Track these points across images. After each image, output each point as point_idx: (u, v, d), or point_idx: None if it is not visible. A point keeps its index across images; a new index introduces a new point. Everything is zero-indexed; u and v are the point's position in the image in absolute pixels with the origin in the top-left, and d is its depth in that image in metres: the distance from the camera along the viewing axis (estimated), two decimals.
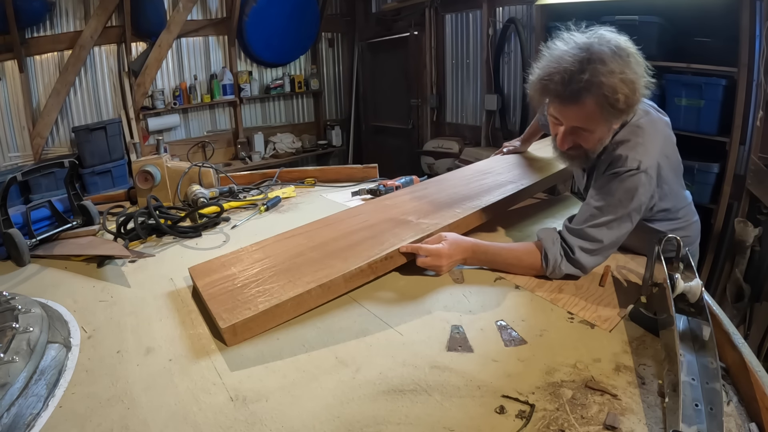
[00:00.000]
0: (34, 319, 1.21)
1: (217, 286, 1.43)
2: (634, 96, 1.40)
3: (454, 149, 5.86)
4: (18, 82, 5.00)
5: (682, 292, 1.20)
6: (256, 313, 1.29)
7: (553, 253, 1.51)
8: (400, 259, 1.58)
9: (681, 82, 3.54)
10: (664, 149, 1.55)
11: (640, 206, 1.50)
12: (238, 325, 1.26)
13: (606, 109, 1.39)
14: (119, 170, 5.25)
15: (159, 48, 5.67)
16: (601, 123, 1.45)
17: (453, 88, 6.30)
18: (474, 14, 5.74)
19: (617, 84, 1.35)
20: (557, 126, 1.54)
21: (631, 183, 1.47)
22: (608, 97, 1.36)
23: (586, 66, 1.36)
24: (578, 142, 1.52)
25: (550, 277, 1.54)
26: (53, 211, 2.07)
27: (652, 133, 1.53)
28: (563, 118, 1.49)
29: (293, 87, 7.17)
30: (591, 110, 1.41)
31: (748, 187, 3.30)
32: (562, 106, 1.46)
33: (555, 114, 1.51)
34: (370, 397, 1.06)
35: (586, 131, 1.48)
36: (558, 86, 1.41)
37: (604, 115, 1.41)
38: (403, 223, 1.74)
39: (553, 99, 1.46)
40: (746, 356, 1.05)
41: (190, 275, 1.54)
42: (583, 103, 1.40)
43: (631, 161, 1.47)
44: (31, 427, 0.98)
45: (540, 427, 0.95)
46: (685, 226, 1.75)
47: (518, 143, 2.57)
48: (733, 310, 3.14)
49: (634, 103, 1.41)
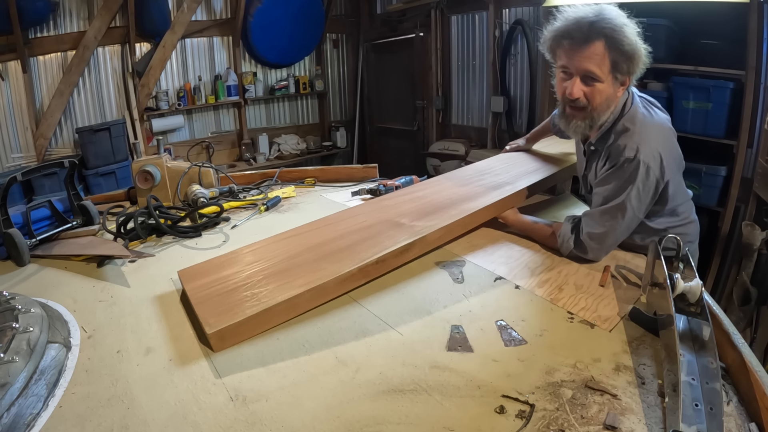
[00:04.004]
0: (34, 319, 1.21)
1: (206, 290, 1.42)
2: (637, 50, 1.54)
3: (460, 151, 5.84)
4: (21, 82, 5.00)
5: (682, 292, 1.20)
6: (244, 318, 1.27)
7: (562, 233, 1.70)
8: (393, 262, 1.58)
9: (689, 85, 3.53)
10: (665, 141, 1.62)
11: (639, 195, 1.58)
12: (225, 331, 1.24)
13: (614, 53, 1.53)
14: (123, 171, 5.23)
15: (163, 49, 5.67)
16: (609, 74, 1.57)
17: (459, 89, 6.27)
18: (480, 15, 5.72)
19: (625, 30, 1.52)
20: (565, 81, 1.65)
21: (626, 171, 1.58)
22: (616, 40, 1.51)
23: (598, 13, 1.54)
24: (587, 96, 1.61)
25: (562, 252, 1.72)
26: (53, 211, 2.07)
27: (652, 126, 1.62)
28: (574, 61, 1.58)
29: (298, 88, 7.16)
30: (600, 52, 1.54)
31: (755, 190, 3.28)
32: (574, 49, 1.57)
33: (566, 62, 1.62)
34: (370, 397, 1.06)
35: (596, 81, 1.58)
36: (571, 27, 1.57)
37: (612, 59, 1.54)
38: (398, 225, 1.73)
39: (567, 43, 1.59)
40: (746, 356, 1.05)
41: (180, 278, 1.52)
42: (593, 44, 1.53)
43: (629, 150, 1.57)
44: (31, 427, 0.99)
45: (540, 427, 0.95)
46: (685, 224, 1.78)
47: (522, 142, 2.58)
48: (740, 313, 3.12)
49: (637, 56, 1.55)
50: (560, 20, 1.62)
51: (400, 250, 1.58)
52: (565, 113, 1.71)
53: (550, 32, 1.65)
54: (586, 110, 1.64)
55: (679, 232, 1.62)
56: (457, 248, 1.79)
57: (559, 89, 1.69)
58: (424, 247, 1.68)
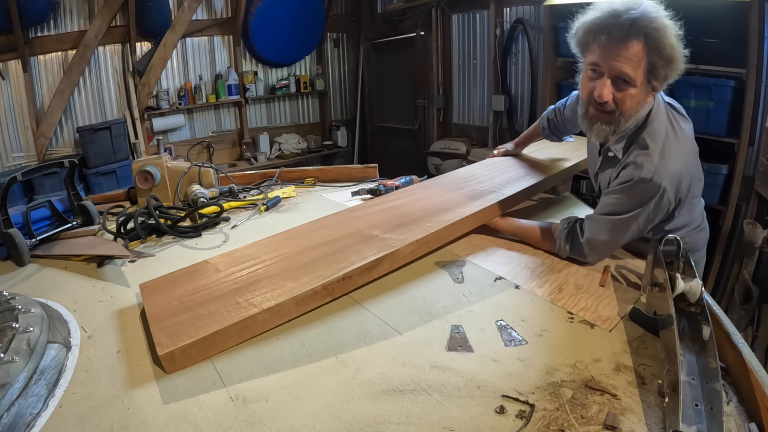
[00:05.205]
0: (34, 319, 1.21)
1: (163, 306, 1.34)
2: (677, 55, 1.42)
3: (462, 150, 5.85)
4: (22, 81, 5.00)
5: (682, 292, 1.19)
6: (196, 339, 1.19)
7: (559, 236, 1.66)
8: (361, 279, 1.49)
9: (690, 84, 3.53)
10: (686, 162, 1.53)
11: (648, 215, 1.52)
12: (176, 352, 1.17)
13: (652, 55, 1.41)
14: (124, 171, 5.23)
15: (164, 48, 5.68)
16: (644, 78, 1.44)
17: (460, 88, 6.28)
18: (481, 14, 5.72)
19: (667, 31, 1.40)
20: (594, 80, 1.51)
21: (641, 192, 1.49)
22: (657, 41, 1.39)
23: (638, 7, 1.40)
24: (616, 101, 1.49)
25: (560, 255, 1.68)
26: (53, 211, 2.08)
27: (675, 145, 1.51)
28: (609, 60, 1.45)
29: (298, 87, 7.17)
30: (639, 53, 1.41)
31: (756, 188, 3.28)
32: (610, 46, 1.43)
33: (599, 60, 1.48)
34: (370, 397, 1.06)
35: (628, 84, 1.45)
36: (609, 22, 1.42)
37: (649, 62, 1.42)
38: (368, 238, 1.64)
39: (603, 37, 1.44)
40: (746, 356, 1.04)
41: (141, 293, 1.47)
42: (633, 43, 1.40)
43: (646, 171, 1.46)
44: (31, 427, 0.99)
45: (540, 427, 0.95)
46: (693, 232, 1.72)
47: (511, 146, 2.50)
48: (741, 311, 3.12)
49: (676, 61, 1.43)
50: (595, 11, 1.48)
51: (368, 265, 1.49)
52: (588, 114, 1.58)
53: (583, 24, 1.50)
54: (613, 114, 1.51)
55: (688, 241, 1.53)
56: (457, 248, 1.79)
57: (584, 88, 1.57)
58: (395, 262, 1.58)
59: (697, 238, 1.75)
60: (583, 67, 1.57)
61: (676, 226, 1.64)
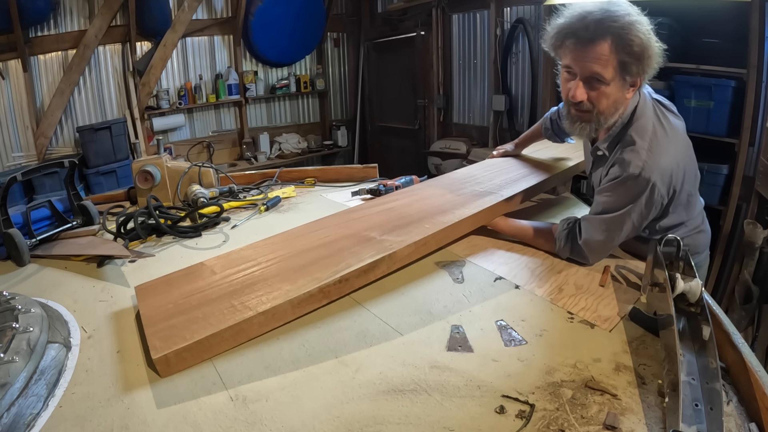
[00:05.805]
0: (34, 319, 1.21)
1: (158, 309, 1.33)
2: (648, 49, 1.44)
3: (462, 150, 5.85)
4: (22, 81, 5.00)
5: (682, 292, 1.19)
6: (190, 343, 1.18)
7: (558, 237, 1.67)
8: (357, 281, 1.47)
9: (690, 84, 3.53)
10: (676, 156, 1.54)
11: (641, 211, 1.53)
12: (171, 356, 1.16)
13: (621, 53, 1.43)
14: (124, 170, 5.23)
15: (164, 47, 5.68)
16: (616, 76, 1.47)
17: (460, 88, 6.27)
18: (482, 14, 5.72)
19: (634, 28, 1.42)
20: (569, 81, 1.56)
21: (630, 188, 1.51)
22: (624, 39, 1.41)
23: (605, 9, 1.45)
24: (592, 100, 1.53)
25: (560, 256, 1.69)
26: (53, 211, 2.08)
27: (663, 139, 1.53)
28: (579, 61, 1.50)
29: (299, 87, 7.17)
30: (606, 53, 1.44)
31: (757, 188, 3.28)
32: (579, 48, 1.48)
33: (570, 62, 1.53)
34: (370, 397, 1.06)
35: (601, 83, 1.49)
36: (576, 25, 1.47)
37: (619, 60, 1.44)
38: (365, 240, 1.62)
39: (570, 41, 1.50)
40: (746, 356, 1.04)
41: (136, 295, 1.46)
42: (599, 44, 1.44)
43: (634, 167, 1.49)
44: (31, 427, 0.99)
45: (540, 427, 0.95)
46: (692, 234, 1.72)
47: (511, 147, 2.49)
48: (742, 311, 3.12)
49: (647, 57, 1.45)
50: (565, 16, 1.52)
51: (365, 267, 1.47)
52: (570, 114, 1.62)
53: (553, 29, 1.55)
54: (591, 113, 1.55)
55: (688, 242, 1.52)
56: (457, 249, 1.79)
57: (563, 89, 1.60)
58: (393, 264, 1.56)
59: (697, 240, 1.75)
60: (561, 69, 1.61)
61: (673, 223, 1.65)
